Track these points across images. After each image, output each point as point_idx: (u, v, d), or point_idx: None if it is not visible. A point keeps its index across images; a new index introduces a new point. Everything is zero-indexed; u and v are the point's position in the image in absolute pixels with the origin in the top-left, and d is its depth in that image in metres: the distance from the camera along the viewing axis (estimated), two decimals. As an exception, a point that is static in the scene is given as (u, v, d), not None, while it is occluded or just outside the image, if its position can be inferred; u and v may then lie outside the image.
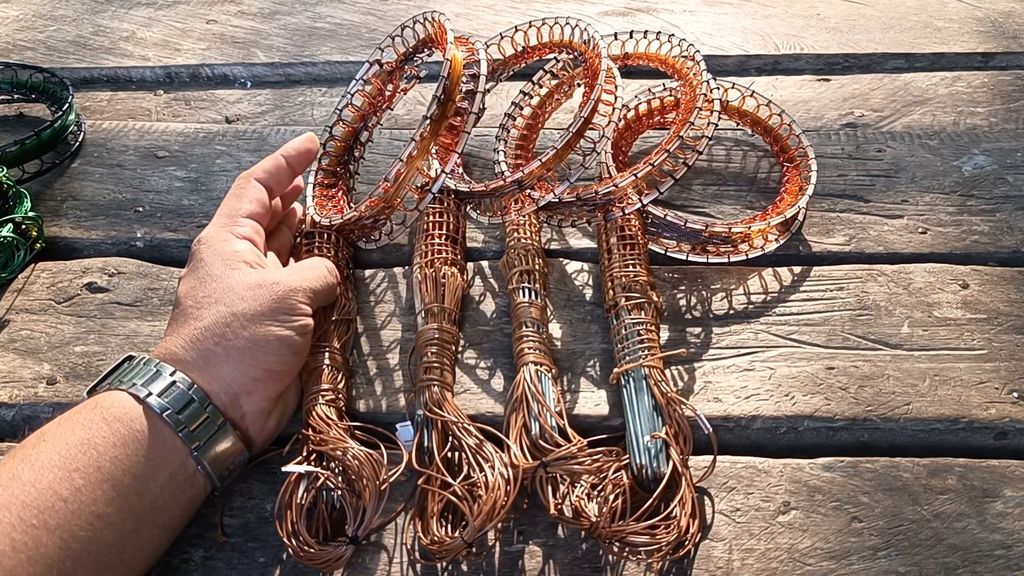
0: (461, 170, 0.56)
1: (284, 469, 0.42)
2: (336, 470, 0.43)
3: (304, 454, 0.44)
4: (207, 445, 0.41)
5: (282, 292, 0.45)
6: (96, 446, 0.38)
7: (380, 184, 0.49)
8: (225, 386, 0.42)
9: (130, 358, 0.43)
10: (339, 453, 0.42)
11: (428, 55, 0.58)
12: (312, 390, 0.46)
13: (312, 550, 0.40)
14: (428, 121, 0.48)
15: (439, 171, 0.49)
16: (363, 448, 0.42)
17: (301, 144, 0.53)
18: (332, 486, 0.42)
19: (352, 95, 0.59)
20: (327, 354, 0.48)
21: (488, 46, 0.61)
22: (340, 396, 0.47)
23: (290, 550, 0.40)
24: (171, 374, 0.41)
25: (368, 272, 0.56)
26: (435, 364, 0.47)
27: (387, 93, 0.60)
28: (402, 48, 0.58)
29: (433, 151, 0.49)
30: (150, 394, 0.40)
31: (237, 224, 0.48)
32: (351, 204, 0.57)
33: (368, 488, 0.41)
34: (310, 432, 0.44)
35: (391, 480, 0.42)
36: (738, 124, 0.64)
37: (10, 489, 0.36)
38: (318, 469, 0.42)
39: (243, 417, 0.43)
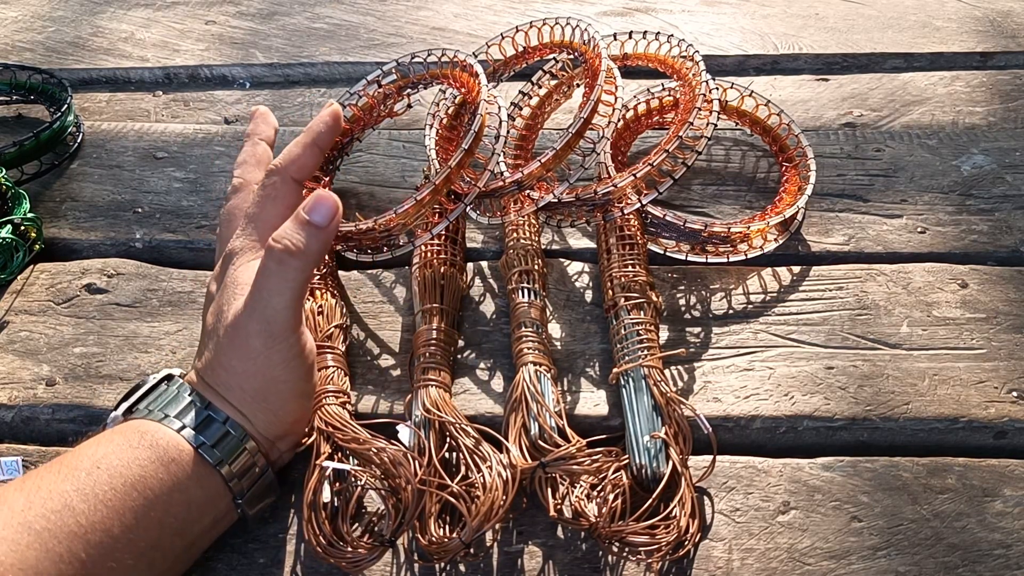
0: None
1: (326, 465, 0.42)
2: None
3: (327, 451, 0.43)
4: (250, 491, 0.41)
5: (314, 359, 0.44)
6: (152, 487, 0.38)
7: (404, 204, 0.49)
8: (265, 434, 0.42)
9: (169, 377, 0.42)
10: (372, 452, 0.42)
11: (428, 86, 0.58)
12: (320, 390, 0.46)
13: (350, 551, 0.40)
14: (462, 153, 0.48)
15: (458, 201, 0.50)
16: (398, 448, 0.42)
17: (330, 120, 0.49)
18: (376, 487, 0.42)
19: (344, 107, 0.59)
20: (332, 356, 0.48)
21: (488, 46, 0.61)
22: (349, 399, 0.47)
23: (317, 548, 0.40)
24: (224, 422, 0.41)
25: (368, 272, 0.56)
26: (433, 365, 0.47)
27: (375, 113, 0.59)
28: (408, 74, 0.58)
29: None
30: (204, 443, 0.40)
31: None
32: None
33: (408, 489, 0.40)
34: (332, 430, 0.44)
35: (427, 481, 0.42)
36: (737, 124, 0.64)
37: (63, 517, 0.35)
38: (359, 468, 0.42)
39: (279, 458, 0.44)
